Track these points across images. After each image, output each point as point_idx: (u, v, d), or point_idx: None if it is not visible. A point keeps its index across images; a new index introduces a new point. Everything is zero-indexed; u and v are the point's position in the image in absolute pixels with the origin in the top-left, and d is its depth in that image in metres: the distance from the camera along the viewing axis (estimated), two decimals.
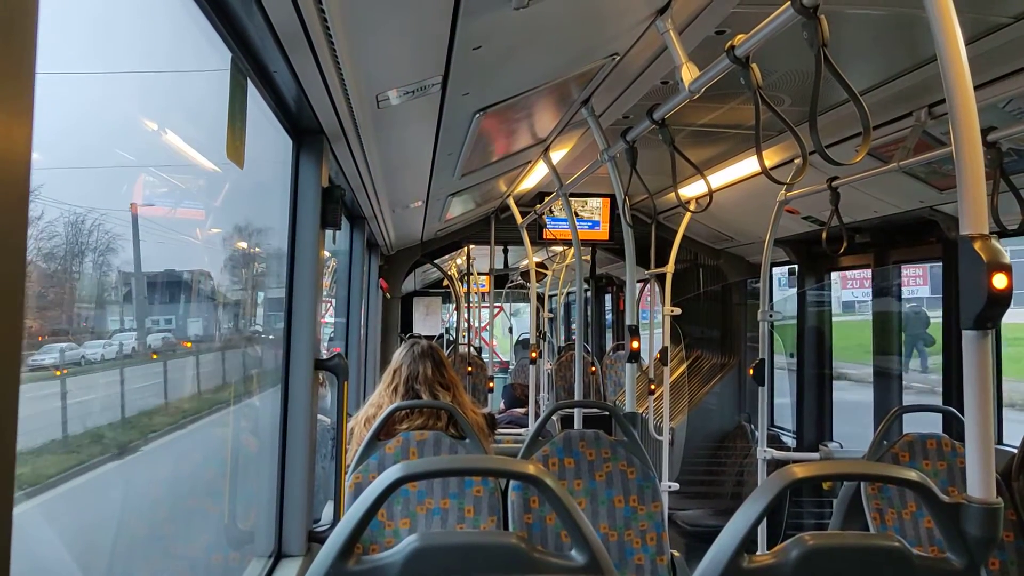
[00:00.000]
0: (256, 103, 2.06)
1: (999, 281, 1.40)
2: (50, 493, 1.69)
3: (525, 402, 6.77)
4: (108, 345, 2.15)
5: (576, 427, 4.62)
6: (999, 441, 4.48)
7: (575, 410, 5.03)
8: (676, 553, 3.21)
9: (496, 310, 12.16)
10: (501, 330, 16.22)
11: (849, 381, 8.08)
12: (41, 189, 1.49)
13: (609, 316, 12.73)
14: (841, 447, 6.05)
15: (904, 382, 5.94)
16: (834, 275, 6.96)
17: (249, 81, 1.92)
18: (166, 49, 2.07)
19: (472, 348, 9.98)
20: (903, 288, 6.27)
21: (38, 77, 0.77)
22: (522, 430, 6.43)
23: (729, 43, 2.09)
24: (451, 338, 12.59)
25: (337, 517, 2.58)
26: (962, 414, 1.63)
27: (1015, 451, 3.25)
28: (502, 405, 7.88)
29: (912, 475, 1.54)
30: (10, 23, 0.71)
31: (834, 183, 3.99)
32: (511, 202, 6.54)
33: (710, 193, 2.96)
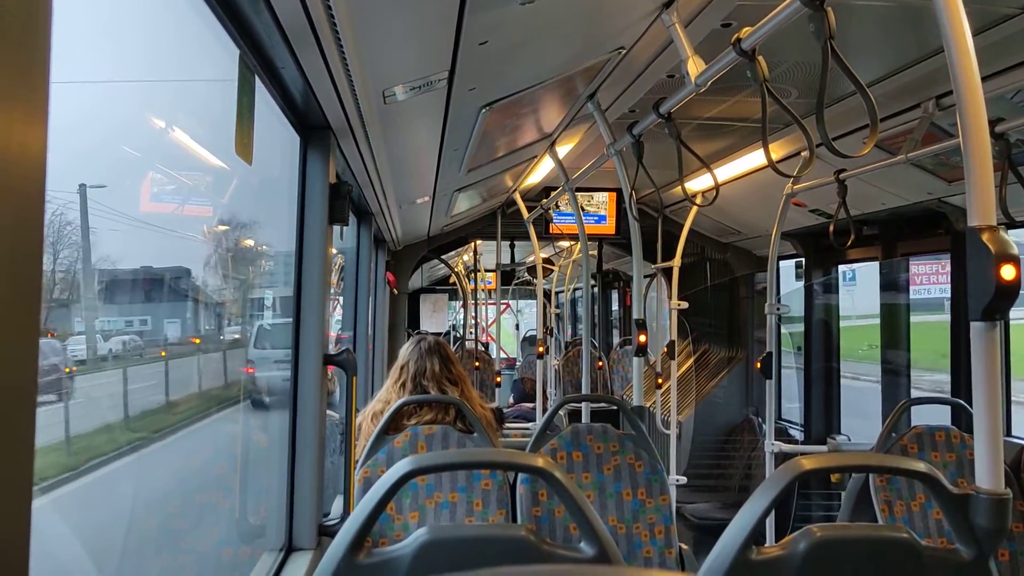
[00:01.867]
0: (263, 99, 2.07)
1: (1007, 272, 1.40)
2: None
3: (534, 397, 6.79)
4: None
5: (584, 421, 4.63)
6: (1008, 433, 4.47)
7: (583, 404, 5.04)
8: (684, 546, 3.22)
9: (503, 307, 12.17)
10: (509, 327, 16.23)
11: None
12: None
13: (616, 310, 12.74)
14: (849, 440, 6.05)
15: None
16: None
17: (256, 78, 1.93)
18: (174, 46, 2.08)
19: (479, 344, 10.01)
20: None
21: (51, 75, 0.78)
22: (530, 424, 6.44)
23: (735, 36, 2.09)
24: (458, 335, 12.61)
25: (347, 511, 2.59)
26: (971, 406, 1.63)
27: None
28: (511, 399, 7.90)
29: (920, 466, 1.54)
30: (24, 23, 0.71)
31: (841, 175, 3.98)
32: (517, 197, 6.54)
33: (717, 187, 2.96)
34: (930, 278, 9.16)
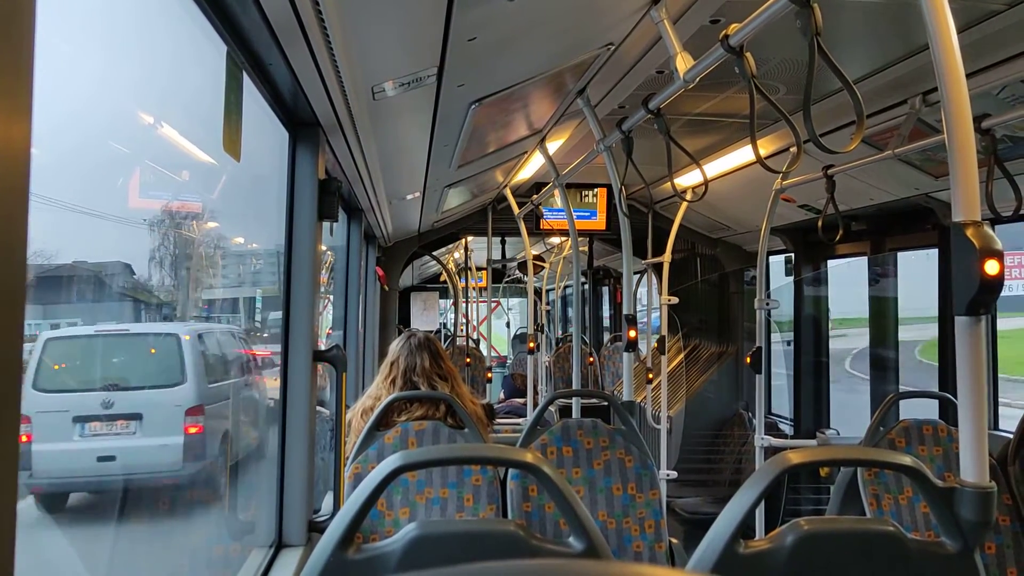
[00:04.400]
0: (251, 96, 2.06)
1: (991, 267, 1.41)
2: None
3: (524, 392, 6.80)
4: None
5: (574, 417, 4.63)
6: (995, 427, 4.51)
7: (573, 400, 5.04)
8: (675, 540, 3.23)
9: (494, 304, 12.20)
10: (499, 328, 16.23)
11: None
12: None
13: (607, 309, 12.76)
14: (839, 434, 6.08)
15: None
16: None
17: (244, 73, 1.92)
18: (161, 41, 2.07)
19: (470, 341, 10.01)
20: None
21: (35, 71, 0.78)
22: (521, 420, 6.45)
23: (723, 32, 2.10)
24: (449, 332, 12.62)
25: (337, 507, 2.59)
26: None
27: (1011, 436, 3.26)
28: (501, 395, 7.91)
29: (906, 460, 1.56)
30: (8, 19, 0.71)
31: (829, 171, 3.99)
32: (508, 193, 6.55)
33: (706, 182, 2.97)
34: None
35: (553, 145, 4.83)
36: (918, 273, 5.41)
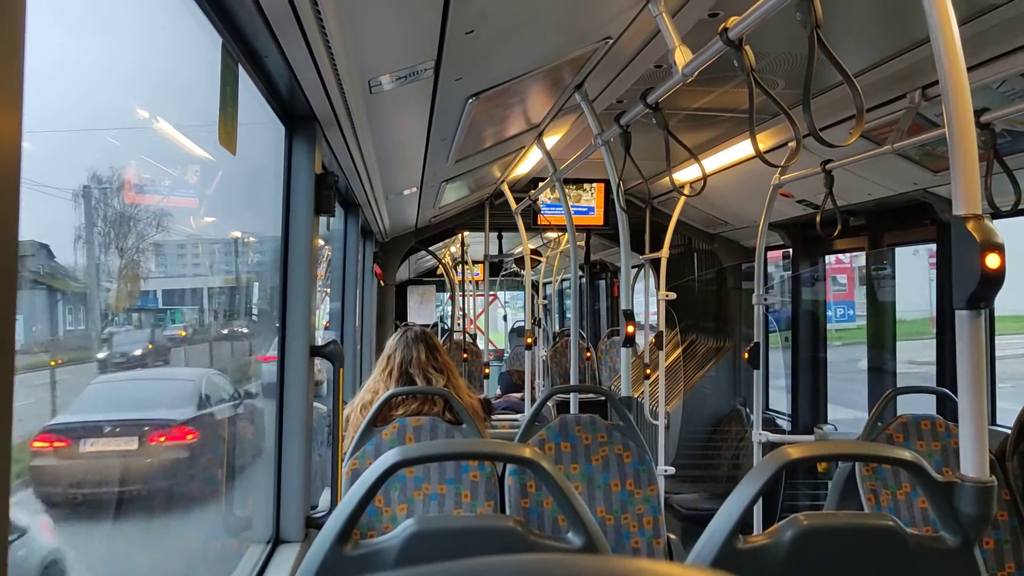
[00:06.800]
0: (247, 89, 2.05)
1: (992, 261, 1.40)
2: None
3: (521, 387, 6.79)
4: None
5: (572, 412, 4.63)
6: (993, 422, 4.51)
7: (571, 395, 5.04)
8: (672, 536, 3.23)
9: (491, 298, 12.20)
10: (497, 322, 16.23)
11: None
12: None
13: (603, 304, 12.76)
14: (836, 430, 6.09)
15: None
16: None
17: (240, 67, 1.91)
18: (155, 35, 2.05)
19: (468, 335, 10.01)
20: None
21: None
22: (518, 415, 6.45)
23: (722, 25, 2.08)
24: (445, 327, 12.61)
25: (335, 503, 2.59)
26: (956, 395, 1.63)
27: (1009, 432, 3.26)
28: (498, 391, 7.91)
29: (905, 454, 1.55)
30: None
31: (828, 166, 3.99)
32: (505, 188, 6.53)
33: (704, 177, 2.95)
34: None
35: (551, 140, 4.82)
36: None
